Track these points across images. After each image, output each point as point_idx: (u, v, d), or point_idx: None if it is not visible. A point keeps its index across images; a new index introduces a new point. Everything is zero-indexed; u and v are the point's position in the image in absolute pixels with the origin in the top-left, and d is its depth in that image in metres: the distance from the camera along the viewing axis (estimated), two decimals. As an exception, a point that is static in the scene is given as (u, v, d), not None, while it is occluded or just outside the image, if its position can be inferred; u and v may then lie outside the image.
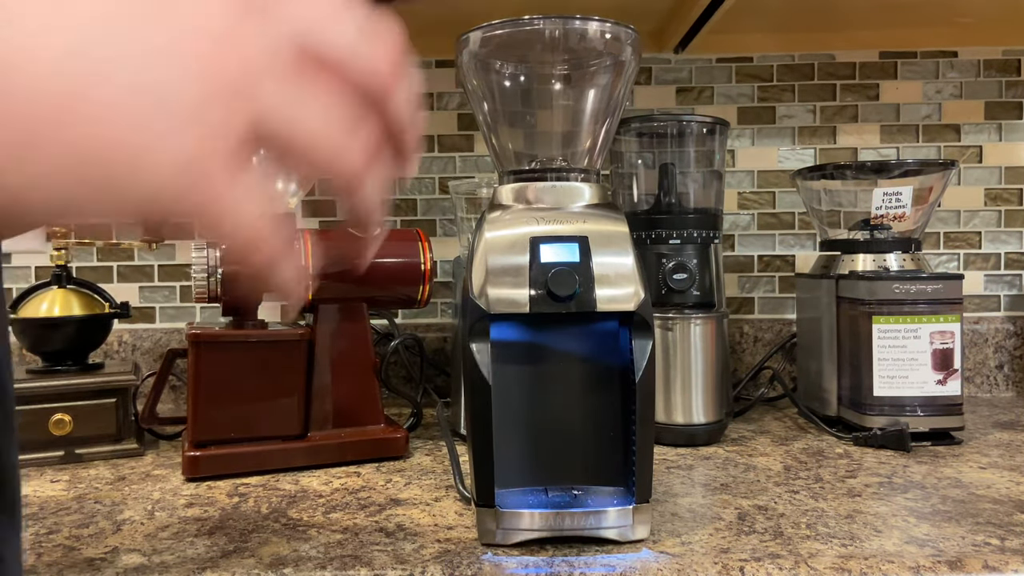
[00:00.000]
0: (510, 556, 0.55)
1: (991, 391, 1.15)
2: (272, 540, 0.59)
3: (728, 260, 1.17)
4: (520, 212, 0.60)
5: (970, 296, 1.17)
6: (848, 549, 0.56)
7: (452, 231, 1.16)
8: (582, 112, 0.66)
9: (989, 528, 0.60)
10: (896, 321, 0.86)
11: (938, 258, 1.18)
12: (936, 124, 1.17)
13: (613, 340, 0.59)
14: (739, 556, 0.55)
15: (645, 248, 0.88)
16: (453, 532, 0.60)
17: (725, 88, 1.17)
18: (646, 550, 0.56)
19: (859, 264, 0.93)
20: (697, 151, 0.94)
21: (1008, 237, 1.18)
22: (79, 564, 0.54)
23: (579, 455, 0.59)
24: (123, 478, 0.76)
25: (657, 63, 1.17)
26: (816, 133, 1.17)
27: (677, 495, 0.69)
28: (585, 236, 0.57)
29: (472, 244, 0.60)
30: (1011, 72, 1.17)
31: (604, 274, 0.56)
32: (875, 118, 1.17)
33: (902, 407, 0.85)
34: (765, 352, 1.13)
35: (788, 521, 0.62)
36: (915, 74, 1.17)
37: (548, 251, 0.57)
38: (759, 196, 1.18)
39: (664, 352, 0.87)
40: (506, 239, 0.58)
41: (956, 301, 0.86)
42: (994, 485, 0.70)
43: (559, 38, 0.63)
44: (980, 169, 1.17)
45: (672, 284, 0.86)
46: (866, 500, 0.67)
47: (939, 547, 0.56)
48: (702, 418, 0.87)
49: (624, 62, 0.64)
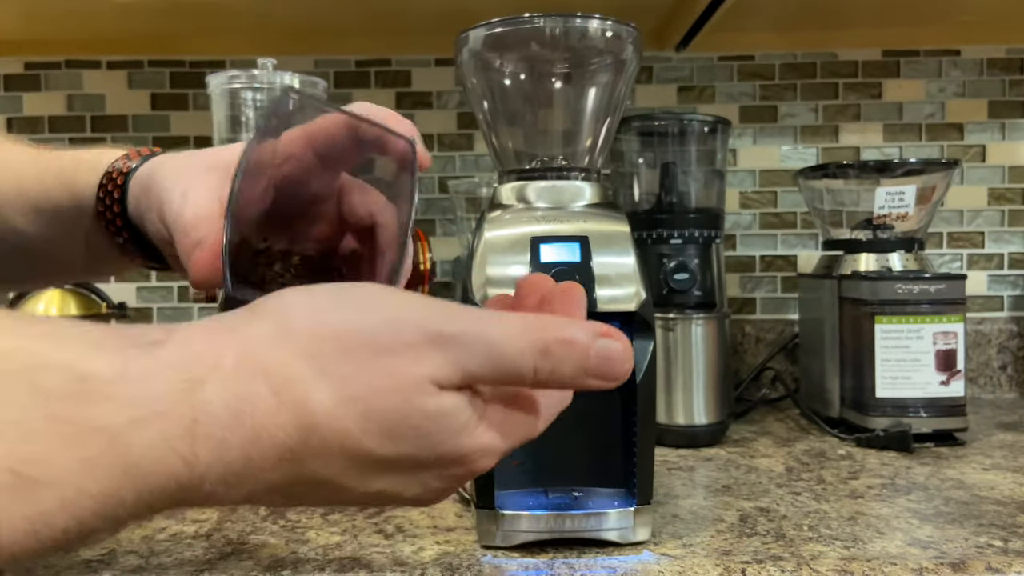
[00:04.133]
0: (510, 558, 0.55)
1: (994, 392, 1.14)
2: (270, 542, 0.58)
3: (730, 260, 1.17)
4: (520, 212, 0.59)
5: (973, 296, 1.16)
6: (851, 551, 0.55)
7: (452, 231, 1.16)
8: (583, 111, 0.66)
9: (992, 530, 0.59)
10: (899, 321, 0.85)
11: (941, 258, 1.17)
12: (939, 123, 1.17)
13: (614, 341, 0.58)
14: (741, 558, 0.54)
15: (646, 248, 0.88)
16: (453, 534, 0.60)
17: (727, 87, 1.17)
18: (647, 552, 0.56)
19: (862, 264, 0.92)
20: (699, 150, 0.93)
21: (1012, 237, 1.17)
22: (76, 566, 0.54)
23: (580, 456, 0.59)
24: (121, 479, 0.76)
25: (658, 62, 1.16)
26: (818, 132, 1.17)
27: (678, 497, 0.68)
28: (586, 236, 0.57)
29: (472, 244, 0.60)
30: (1015, 71, 1.16)
31: (605, 274, 0.56)
32: (878, 117, 1.17)
33: (905, 408, 0.85)
34: (767, 353, 1.13)
35: (790, 523, 0.61)
36: (918, 73, 1.16)
37: (548, 251, 0.56)
38: (761, 196, 1.17)
39: (665, 353, 0.86)
40: (506, 239, 0.57)
41: (959, 301, 0.85)
42: (997, 486, 0.70)
43: (559, 36, 0.62)
44: (983, 168, 1.17)
45: (673, 284, 0.86)
46: (869, 502, 0.66)
47: (942, 549, 0.56)
48: (703, 419, 0.86)
49: (625, 60, 0.64)
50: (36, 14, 1.03)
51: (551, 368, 0.30)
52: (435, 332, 0.28)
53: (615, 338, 0.31)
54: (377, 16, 1.04)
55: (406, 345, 0.27)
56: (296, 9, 1.00)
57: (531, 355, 0.29)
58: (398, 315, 0.28)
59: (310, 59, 1.14)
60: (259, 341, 0.26)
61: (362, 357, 0.27)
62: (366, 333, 0.27)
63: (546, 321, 0.31)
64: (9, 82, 1.14)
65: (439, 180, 1.16)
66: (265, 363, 0.26)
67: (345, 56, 1.15)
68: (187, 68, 1.15)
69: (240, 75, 0.82)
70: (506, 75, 0.65)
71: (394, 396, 0.27)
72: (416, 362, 0.27)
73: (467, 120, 1.16)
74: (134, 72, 1.15)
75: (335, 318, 0.27)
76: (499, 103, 0.65)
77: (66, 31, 1.09)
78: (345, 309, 0.28)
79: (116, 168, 0.44)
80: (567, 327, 0.31)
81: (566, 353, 0.30)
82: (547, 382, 0.30)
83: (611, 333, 0.32)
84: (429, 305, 0.30)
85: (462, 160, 1.17)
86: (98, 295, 0.89)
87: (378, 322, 0.27)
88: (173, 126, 1.15)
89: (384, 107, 0.40)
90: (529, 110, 0.66)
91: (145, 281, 1.15)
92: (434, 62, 1.15)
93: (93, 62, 1.14)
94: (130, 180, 0.43)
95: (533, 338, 0.29)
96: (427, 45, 1.12)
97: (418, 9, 0.99)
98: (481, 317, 0.30)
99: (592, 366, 0.31)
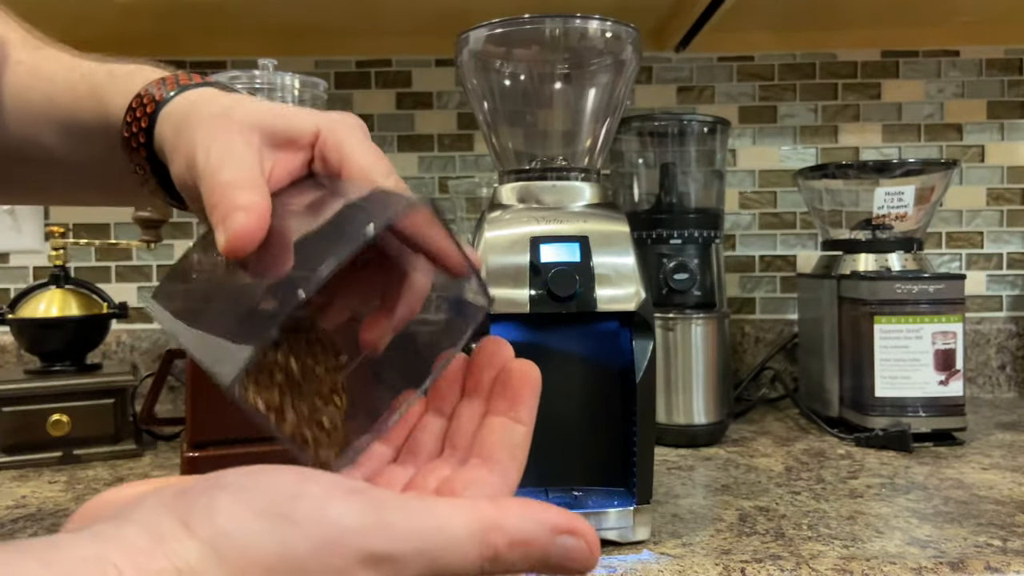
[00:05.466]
0: (510, 558, 0.55)
1: (993, 392, 1.14)
2: (271, 541, 0.58)
3: (729, 260, 1.17)
4: (520, 212, 0.59)
5: (972, 296, 1.16)
6: (850, 550, 0.55)
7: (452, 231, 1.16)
8: (582, 111, 0.66)
9: (991, 529, 0.59)
10: (898, 321, 0.85)
11: (940, 258, 1.17)
12: (938, 123, 1.17)
13: (614, 340, 0.59)
14: (740, 557, 0.54)
15: (646, 248, 0.88)
16: (453, 533, 0.60)
17: (726, 87, 1.17)
18: (647, 551, 0.56)
19: (861, 264, 0.92)
20: (698, 150, 0.93)
21: (1010, 237, 1.17)
22: None
23: (580, 456, 0.59)
24: (121, 479, 0.76)
25: (658, 62, 1.16)
26: (818, 132, 1.17)
27: (678, 496, 0.69)
28: (585, 236, 0.57)
29: (472, 244, 0.60)
30: (1013, 71, 1.16)
31: (604, 274, 0.56)
32: (877, 117, 1.17)
33: (904, 408, 0.85)
34: (766, 352, 1.13)
35: (789, 522, 0.61)
36: (917, 73, 1.17)
37: (548, 251, 0.56)
38: (760, 196, 1.17)
39: (665, 352, 0.86)
40: (506, 239, 0.57)
41: (958, 301, 0.86)
42: (996, 486, 0.70)
43: (559, 37, 0.62)
44: (982, 169, 1.17)
45: (673, 284, 0.86)
46: (868, 501, 0.66)
47: (941, 548, 0.56)
48: (703, 419, 0.86)
49: (625, 61, 0.64)
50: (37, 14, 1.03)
51: (502, 571, 0.28)
52: (367, 554, 0.26)
53: (578, 534, 0.27)
54: (377, 16, 1.04)
55: (338, 571, 0.26)
56: (296, 9, 1.00)
57: (477, 562, 0.27)
58: (330, 535, 0.26)
59: (310, 59, 1.14)
60: (191, 565, 0.25)
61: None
62: (298, 559, 0.26)
63: (498, 515, 0.27)
64: (9, 82, 1.14)
65: (439, 180, 1.16)
66: None
67: (345, 56, 1.15)
68: (188, 69, 1.15)
69: (241, 76, 0.82)
70: (506, 75, 0.65)
71: None
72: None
73: (467, 120, 1.16)
74: (134, 72, 1.15)
75: (269, 542, 0.26)
76: (499, 103, 0.66)
77: (67, 32, 1.09)
78: (279, 530, 0.26)
79: (149, 94, 0.41)
80: (521, 522, 0.27)
81: (519, 556, 0.27)
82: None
83: (574, 527, 0.28)
84: (367, 510, 0.27)
85: (462, 160, 1.17)
86: (99, 295, 0.89)
87: (310, 548, 0.26)
88: (173, 126, 1.15)
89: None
90: (529, 110, 0.66)
91: (145, 281, 1.15)
92: (434, 62, 1.16)
93: (93, 62, 1.14)
94: (160, 111, 0.40)
95: (481, 540, 0.27)
96: (427, 45, 1.12)
97: (418, 9, 0.99)
98: (423, 521, 0.27)
99: (550, 567, 0.28)
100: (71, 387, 0.82)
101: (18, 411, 0.80)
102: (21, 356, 1.06)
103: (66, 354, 0.87)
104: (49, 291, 0.87)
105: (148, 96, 0.41)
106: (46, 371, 0.86)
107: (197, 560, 0.25)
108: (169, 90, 0.41)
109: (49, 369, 0.86)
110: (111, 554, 0.24)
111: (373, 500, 0.27)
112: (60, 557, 0.23)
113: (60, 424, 0.81)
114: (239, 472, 0.28)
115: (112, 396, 0.83)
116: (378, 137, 1.16)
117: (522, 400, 0.35)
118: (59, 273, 0.88)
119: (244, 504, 0.27)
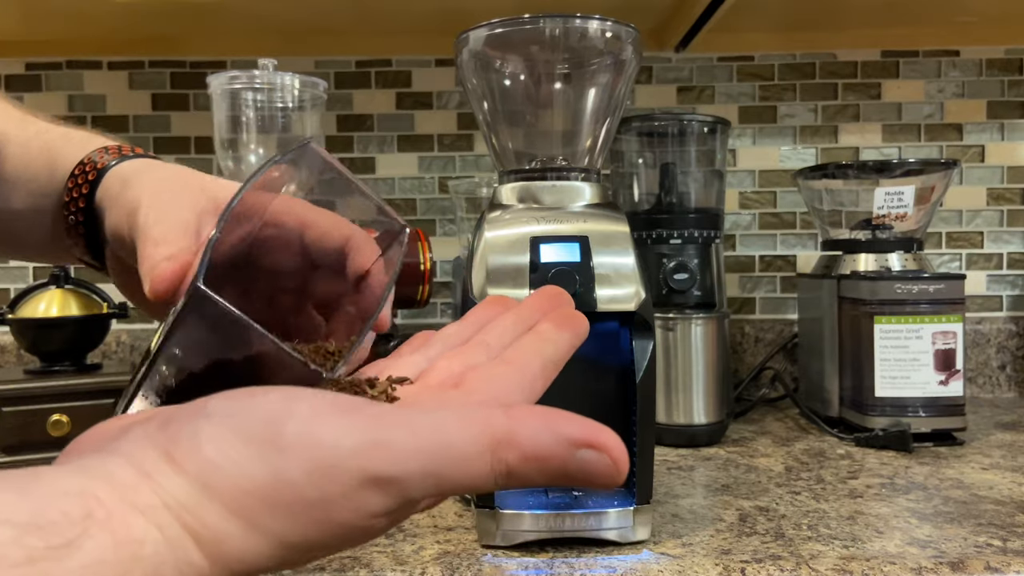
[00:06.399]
0: (510, 557, 0.55)
1: (993, 392, 1.14)
2: (271, 541, 0.58)
3: (729, 260, 1.17)
4: (520, 212, 0.59)
5: (972, 296, 1.16)
6: (850, 550, 0.55)
7: (452, 231, 1.16)
8: (582, 111, 0.66)
9: (991, 529, 0.59)
10: (898, 321, 0.85)
11: (940, 258, 1.17)
12: (938, 123, 1.17)
13: (614, 340, 0.59)
14: (740, 557, 0.54)
15: (646, 248, 0.88)
16: (453, 533, 0.60)
17: (726, 87, 1.17)
18: (647, 551, 0.56)
19: (861, 264, 0.92)
20: (698, 150, 0.93)
21: (1011, 237, 1.17)
22: None
23: (579, 456, 0.59)
24: (121, 479, 0.76)
25: (658, 62, 1.16)
26: (818, 132, 1.17)
27: (678, 496, 0.69)
28: (585, 236, 0.57)
29: (472, 244, 0.60)
30: (1013, 71, 1.16)
31: (604, 274, 0.56)
32: (877, 117, 1.17)
33: (904, 408, 0.85)
34: (766, 352, 1.13)
35: (789, 522, 0.61)
36: (917, 73, 1.17)
37: (548, 251, 0.56)
38: (760, 196, 1.17)
39: (665, 352, 0.86)
40: (506, 239, 0.57)
41: (958, 301, 0.86)
42: (996, 486, 0.70)
43: (559, 37, 0.62)
44: (982, 169, 1.17)
45: (673, 284, 0.86)
46: (868, 501, 0.66)
47: (941, 548, 0.56)
48: (703, 419, 0.86)
49: (625, 61, 0.64)
50: (37, 15, 1.03)
51: (519, 485, 0.26)
52: (369, 477, 0.25)
53: (599, 447, 0.25)
54: (377, 16, 1.04)
55: (341, 496, 0.25)
56: (296, 9, 1.00)
57: (490, 477, 0.25)
58: (324, 458, 0.25)
59: (310, 59, 1.14)
60: (180, 501, 0.24)
61: (295, 512, 0.25)
62: (294, 486, 0.24)
63: (511, 427, 0.25)
64: (10, 83, 1.14)
65: (439, 180, 1.16)
66: (192, 527, 0.24)
67: (345, 56, 1.15)
68: (188, 69, 1.15)
69: (241, 76, 0.82)
70: (506, 75, 0.65)
71: (334, 539, 0.25)
72: (355, 511, 0.25)
73: (467, 120, 1.16)
74: (135, 73, 1.15)
75: (260, 471, 0.25)
76: (499, 103, 0.66)
77: (67, 32, 1.09)
78: (268, 457, 0.25)
79: (92, 160, 0.45)
80: (536, 435, 0.25)
81: (534, 470, 0.25)
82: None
83: (595, 439, 0.25)
84: (363, 429, 0.25)
85: (462, 160, 1.17)
86: (99, 295, 0.89)
87: (304, 473, 0.25)
88: (174, 126, 1.15)
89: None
90: (529, 110, 0.66)
91: (145, 281, 1.15)
92: (434, 62, 1.16)
93: (94, 63, 1.14)
94: (107, 173, 0.44)
95: (492, 456, 0.25)
96: (427, 45, 1.12)
97: (418, 9, 0.99)
98: (427, 439, 0.25)
99: (573, 481, 0.25)
100: (71, 387, 0.82)
101: (18, 411, 0.80)
102: (21, 356, 1.06)
103: (66, 354, 0.87)
104: (49, 291, 0.87)
105: (92, 163, 0.45)
106: (46, 371, 0.86)
107: (186, 496, 0.24)
108: (112, 158, 0.45)
109: (49, 369, 0.86)
110: (96, 488, 0.23)
111: (370, 417, 0.25)
112: (40, 489, 0.22)
113: (60, 424, 0.81)
114: (224, 396, 0.27)
115: (112, 396, 0.83)
116: (378, 137, 1.16)
117: (568, 329, 0.36)
118: (59, 273, 0.88)
119: (231, 431, 0.25)
